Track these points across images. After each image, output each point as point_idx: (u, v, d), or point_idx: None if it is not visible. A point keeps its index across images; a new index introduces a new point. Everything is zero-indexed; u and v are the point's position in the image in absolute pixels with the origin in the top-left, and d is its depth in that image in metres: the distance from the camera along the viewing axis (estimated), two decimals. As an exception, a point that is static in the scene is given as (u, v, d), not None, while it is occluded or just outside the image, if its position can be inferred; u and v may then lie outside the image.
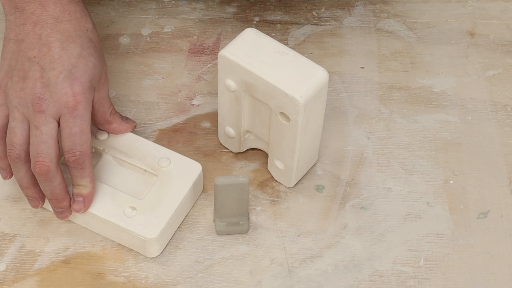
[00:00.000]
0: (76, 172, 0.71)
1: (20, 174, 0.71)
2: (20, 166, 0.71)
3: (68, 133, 0.69)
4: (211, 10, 0.94)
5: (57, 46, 0.70)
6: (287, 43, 0.91)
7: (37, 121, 0.69)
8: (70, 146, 0.69)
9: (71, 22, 0.71)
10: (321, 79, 0.71)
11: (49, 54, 0.70)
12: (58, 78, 0.69)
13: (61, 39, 0.70)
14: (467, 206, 0.78)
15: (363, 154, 0.82)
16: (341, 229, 0.76)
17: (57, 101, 0.69)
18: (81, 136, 0.70)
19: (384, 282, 0.73)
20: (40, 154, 0.69)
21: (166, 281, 0.73)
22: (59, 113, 0.69)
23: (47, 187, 0.70)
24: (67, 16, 0.71)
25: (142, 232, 0.72)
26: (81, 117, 0.70)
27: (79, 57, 0.70)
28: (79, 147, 0.69)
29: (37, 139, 0.69)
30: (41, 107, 0.69)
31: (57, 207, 0.72)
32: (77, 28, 0.71)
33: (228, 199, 0.72)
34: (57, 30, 0.70)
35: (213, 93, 0.86)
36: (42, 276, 0.73)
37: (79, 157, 0.70)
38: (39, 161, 0.69)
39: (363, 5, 0.96)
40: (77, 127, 0.69)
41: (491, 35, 0.93)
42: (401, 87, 0.88)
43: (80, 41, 0.71)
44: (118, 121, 0.77)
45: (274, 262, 0.74)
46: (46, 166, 0.69)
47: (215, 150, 0.82)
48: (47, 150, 0.69)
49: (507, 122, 0.85)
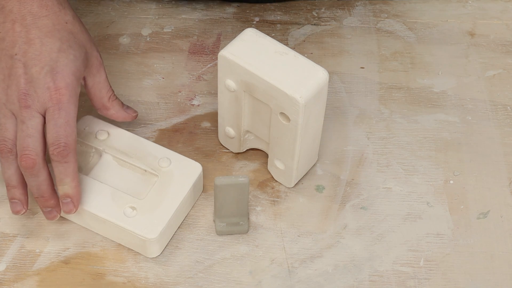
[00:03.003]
0: (60, 167, 0.70)
1: (10, 171, 0.71)
2: (11, 161, 0.71)
3: (53, 125, 0.70)
4: (211, 10, 0.94)
5: (37, 43, 0.71)
6: (287, 43, 0.91)
7: (23, 115, 0.70)
8: (55, 138, 0.70)
9: (49, 17, 0.72)
10: (321, 79, 0.71)
11: (29, 51, 0.71)
12: (41, 74, 0.70)
13: (40, 35, 0.71)
14: (467, 206, 0.78)
15: (363, 154, 0.82)
16: (341, 229, 0.76)
17: (41, 95, 0.70)
18: (66, 128, 0.70)
19: (384, 282, 0.73)
20: (26, 147, 0.69)
21: (166, 281, 0.73)
22: (44, 107, 0.70)
23: (34, 182, 0.71)
24: (44, 11, 0.72)
25: (142, 232, 0.72)
26: (66, 110, 0.70)
27: (59, 51, 0.71)
28: (64, 138, 0.70)
29: (23, 133, 0.70)
30: (27, 102, 0.70)
31: (44, 206, 0.72)
32: (56, 22, 0.72)
33: (228, 199, 0.72)
34: (36, 27, 0.71)
35: (213, 93, 0.86)
36: (42, 276, 0.73)
37: (64, 148, 0.70)
38: (25, 154, 0.69)
39: (363, 5, 0.96)
40: (62, 118, 0.70)
41: (491, 35, 0.93)
42: (401, 87, 0.88)
43: (59, 35, 0.72)
44: (116, 107, 0.77)
45: (274, 262, 0.74)
46: (32, 159, 0.69)
47: (215, 150, 0.82)
48: (33, 143, 0.70)
49: (507, 122, 0.85)
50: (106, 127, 0.79)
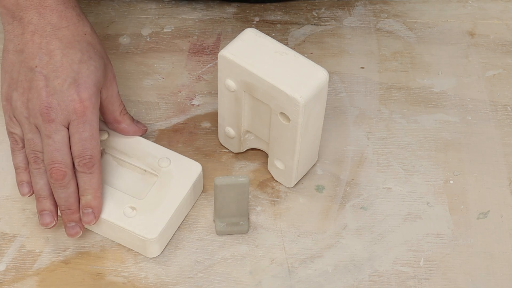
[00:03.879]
0: (85, 178, 0.71)
1: (42, 181, 0.72)
2: (42, 172, 0.71)
3: (79, 138, 0.70)
4: (211, 10, 0.94)
5: (58, 54, 0.70)
6: (287, 43, 0.91)
7: (48, 130, 0.70)
8: (80, 151, 0.70)
9: (69, 28, 0.72)
10: (321, 79, 0.71)
11: (50, 62, 0.70)
12: (64, 86, 0.70)
13: (61, 46, 0.71)
14: (467, 206, 0.78)
15: (363, 154, 0.82)
16: (341, 229, 0.76)
17: (65, 108, 0.70)
18: (91, 141, 0.70)
19: (384, 282, 0.73)
20: (55, 161, 0.70)
21: (166, 281, 0.73)
22: (68, 120, 0.70)
23: (63, 194, 0.71)
24: (64, 22, 0.71)
25: (142, 232, 0.72)
26: (90, 122, 0.70)
27: (81, 62, 0.71)
28: (90, 151, 0.70)
29: (51, 147, 0.70)
30: (50, 116, 0.69)
31: (69, 220, 0.72)
32: (75, 34, 0.72)
33: (228, 199, 0.72)
34: (56, 38, 0.71)
35: (213, 93, 0.86)
36: (42, 276, 0.73)
37: (89, 160, 0.70)
38: (56, 167, 0.70)
39: (363, 5, 0.96)
40: (87, 131, 0.70)
41: (491, 35, 0.93)
42: (401, 87, 0.88)
43: (79, 46, 0.71)
44: (127, 122, 0.77)
45: (274, 262, 0.74)
46: (62, 171, 0.70)
47: (215, 150, 0.82)
48: (62, 157, 0.70)
49: (507, 122, 0.85)
50: (106, 127, 0.79)
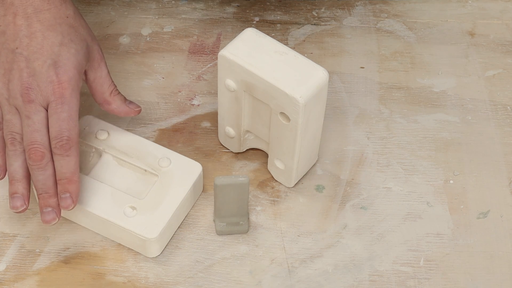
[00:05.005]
0: (62, 161, 0.70)
1: (17, 163, 0.71)
2: (18, 154, 0.71)
3: (56, 119, 0.70)
4: (211, 10, 0.94)
5: (38, 36, 0.71)
6: (287, 43, 0.91)
7: (28, 111, 0.70)
8: (57, 132, 0.70)
9: (51, 10, 0.72)
10: (321, 79, 0.71)
11: (31, 44, 0.70)
12: (43, 68, 0.70)
13: (42, 29, 0.71)
14: (467, 206, 0.78)
15: (363, 154, 0.82)
16: (341, 229, 0.76)
17: (44, 89, 0.70)
18: (69, 122, 0.70)
19: (384, 282, 0.73)
20: (34, 141, 0.70)
21: (166, 281, 0.73)
22: (47, 101, 0.70)
23: (40, 176, 0.70)
24: (46, 5, 0.72)
25: (142, 232, 0.72)
26: (68, 104, 0.70)
27: (61, 45, 0.71)
28: (67, 132, 0.70)
29: (30, 128, 0.70)
30: (30, 96, 0.70)
31: (45, 205, 0.71)
32: (57, 16, 0.72)
33: (228, 199, 0.72)
34: (37, 20, 0.71)
35: (213, 93, 0.86)
36: (42, 276, 0.73)
37: (66, 142, 0.70)
38: (34, 147, 0.70)
39: (363, 5, 0.96)
40: (65, 112, 0.70)
41: (491, 35, 0.93)
42: (401, 87, 0.88)
43: (61, 29, 0.72)
44: (118, 102, 0.77)
45: (274, 262, 0.74)
46: (41, 152, 0.70)
47: (215, 150, 0.82)
48: (41, 137, 0.70)
49: (507, 122, 0.85)
50: (106, 127, 0.79)
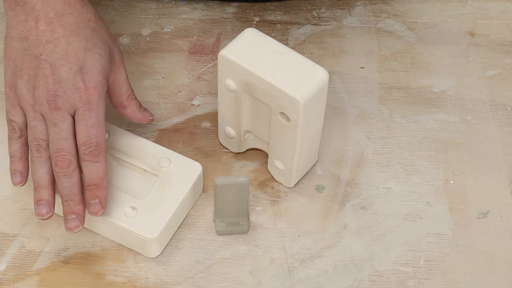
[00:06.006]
0: (91, 167, 0.70)
1: (43, 170, 0.71)
2: (44, 161, 0.71)
3: (84, 125, 0.70)
4: (211, 10, 0.94)
5: (62, 42, 0.70)
6: (287, 43, 0.91)
7: (55, 118, 0.69)
8: (86, 138, 0.70)
9: (73, 14, 0.71)
10: (321, 79, 0.71)
11: (55, 50, 0.70)
12: (69, 74, 0.70)
13: (65, 34, 0.70)
14: (467, 206, 0.78)
15: (363, 154, 0.82)
16: (341, 229, 0.76)
17: (71, 96, 0.69)
18: (97, 128, 0.70)
19: (384, 282, 0.73)
20: (61, 149, 0.69)
21: (166, 281, 0.73)
22: (74, 108, 0.70)
23: (66, 184, 0.70)
24: (68, 9, 0.71)
25: (142, 232, 0.72)
26: (96, 110, 0.70)
27: (85, 50, 0.71)
28: (95, 138, 0.70)
29: (57, 135, 0.69)
30: (57, 104, 0.69)
31: (70, 212, 0.71)
32: (79, 20, 0.71)
33: (228, 199, 0.72)
34: (60, 25, 0.70)
35: (213, 93, 0.86)
36: (42, 276, 0.73)
37: (95, 148, 0.70)
38: (61, 155, 0.69)
39: (363, 5, 0.96)
40: (93, 118, 0.70)
41: (491, 35, 0.93)
42: (401, 87, 0.88)
43: (84, 33, 0.71)
44: (133, 108, 0.77)
45: (274, 262, 0.74)
46: (68, 159, 0.69)
47: (215, 150, 0.82)
48: (68, 145, 0.70)
49: (507, 122, 0.85)
50: (106, 127, 0.79)
